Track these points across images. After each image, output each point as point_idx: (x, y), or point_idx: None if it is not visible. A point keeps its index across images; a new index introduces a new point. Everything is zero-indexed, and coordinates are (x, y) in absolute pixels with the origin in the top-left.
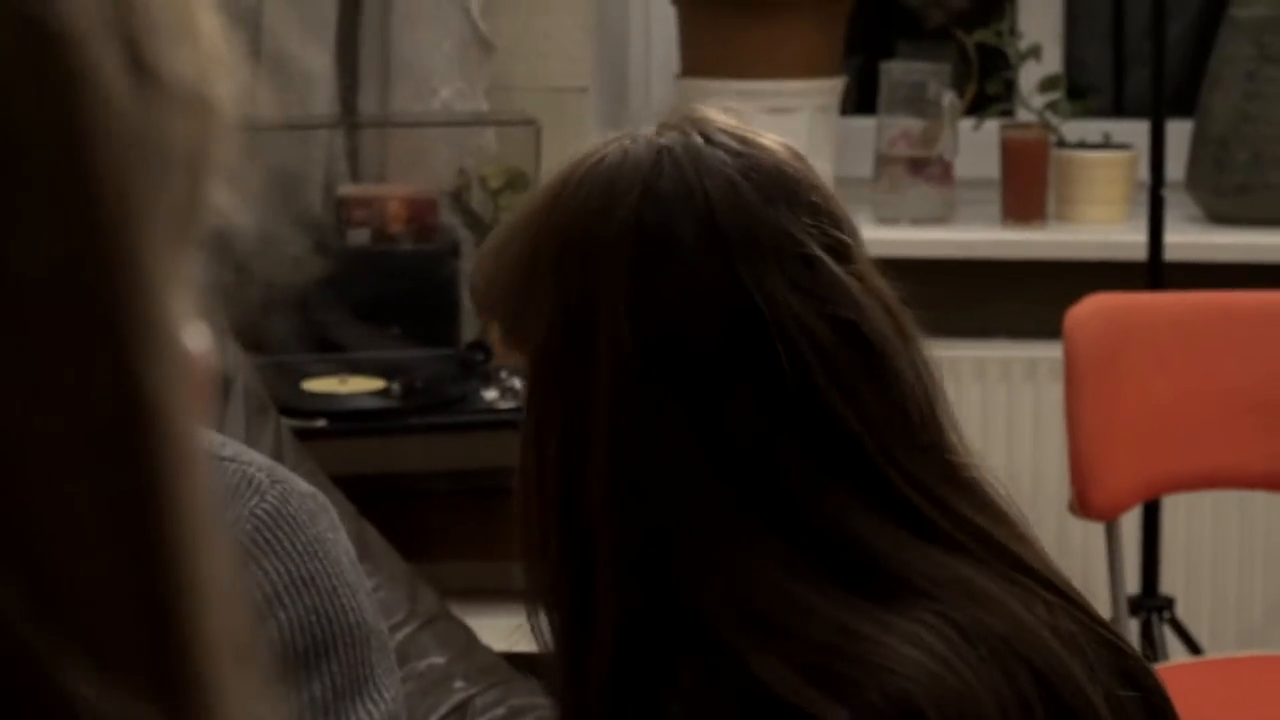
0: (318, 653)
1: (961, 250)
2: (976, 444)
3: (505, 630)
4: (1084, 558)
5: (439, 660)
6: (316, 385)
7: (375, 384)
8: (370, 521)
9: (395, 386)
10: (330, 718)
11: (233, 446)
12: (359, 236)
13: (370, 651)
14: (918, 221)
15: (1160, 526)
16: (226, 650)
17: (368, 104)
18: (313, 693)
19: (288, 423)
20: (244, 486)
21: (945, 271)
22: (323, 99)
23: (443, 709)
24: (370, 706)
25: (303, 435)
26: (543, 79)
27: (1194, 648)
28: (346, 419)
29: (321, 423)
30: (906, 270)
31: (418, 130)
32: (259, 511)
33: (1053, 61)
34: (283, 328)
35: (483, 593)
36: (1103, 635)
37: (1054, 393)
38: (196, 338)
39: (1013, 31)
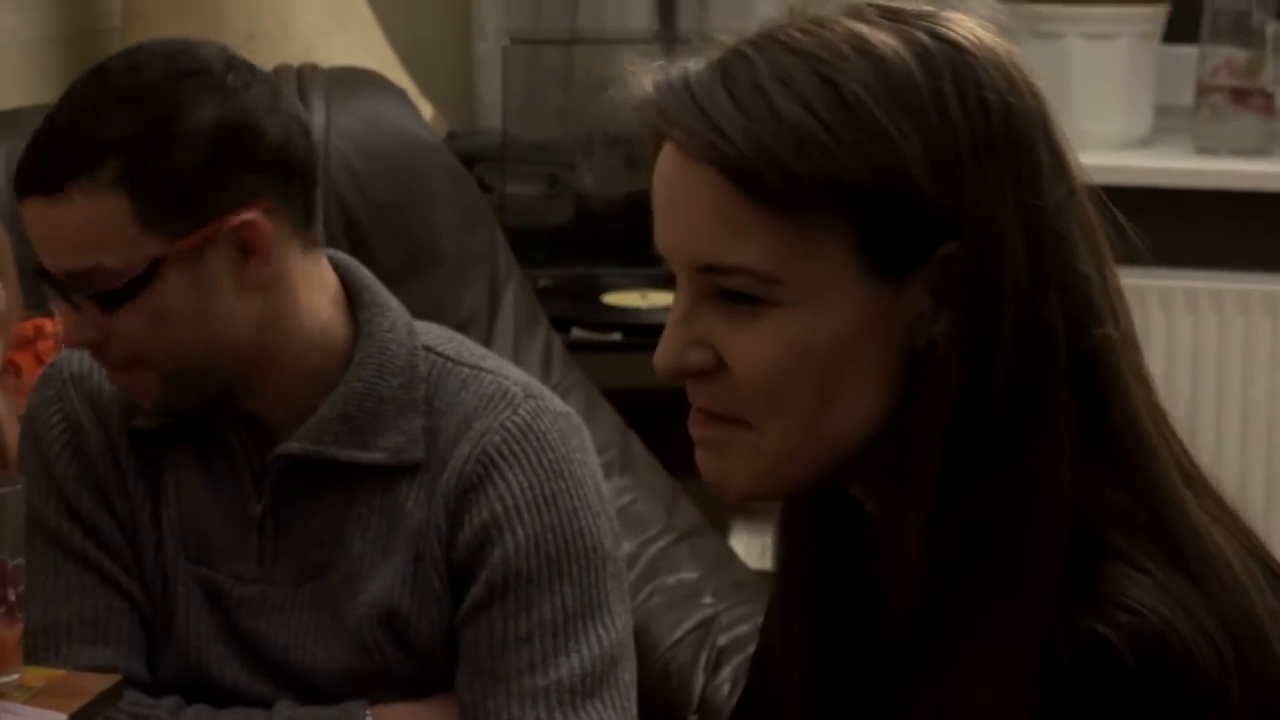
0: (551, 572)
1: None
2: None
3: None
4: None
5: (690, 575)
6: (616, 299)
7: None
8: (652, 436)
9: None
10: (560, 639)
11: (494, 360)
12: None
13: (605, 576)
14: (1237, 152)
15: None
16: None
17: (686, 21)
18: (543, 613)
19: (583, 335)
20: (498, 398)
21: (1264, 204)
22: (641, 15)
23: (688, 623)
24: (601, 631)
25: (597, 348)
26: None
27: None
28: (642, 333)
29: (617, 336)
30: (1224, 201)
31: None
32: (510, 424)
33: None
34: (588, 240)
35: (762, 510)
36: None
37: None
38: None
39: None
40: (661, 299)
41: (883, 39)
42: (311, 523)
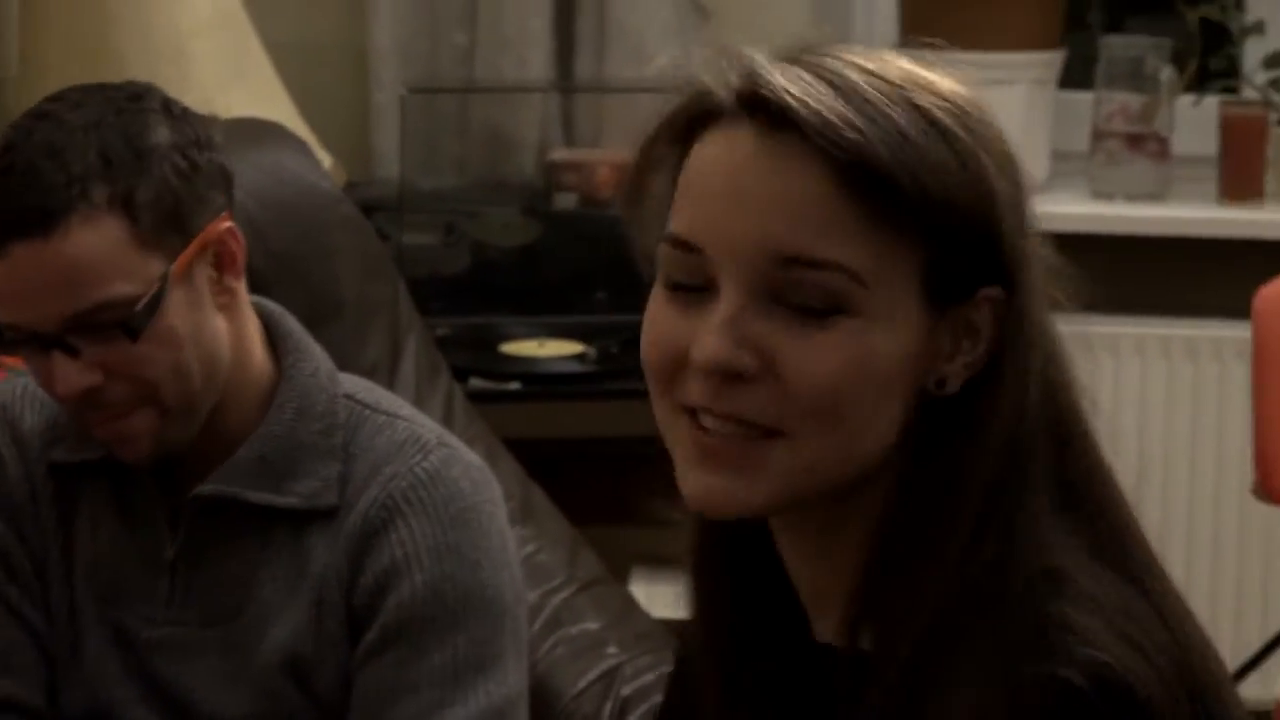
0: (447, 621)
1: (1176, 227)
2: (1187, 424)
3: (675, 597)
4: (1266, 542)
5: (593, 626)
6: (514, 348)
7: (573, 348)
8: (552, 486)
9: (592, 351)
10: (449, 689)
11: (411, 410)
12: (566, 200)
13: (503, 631)
14: (1132, 197)
15: None
16: None
17: (583, 68)
18: (433, 662)
19: (481, 385)
20: (410, 444)
21: (1159, 248)
22: (539, 63)
23: (591, 674)
24: (492, 686)
25: (495, 398)
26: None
27: None
28: (540, 382)
29: (515, 385)
30: (1120, 246)
31: (631, 96)
32: (419, 470)
33: (1278, 38)
34: (486, 289)
35: (661, 558)
36: None
37: None
38: None
39: (1238, 6)
40: (559, 348)
41: (935, 78)
42: (223, 566)
